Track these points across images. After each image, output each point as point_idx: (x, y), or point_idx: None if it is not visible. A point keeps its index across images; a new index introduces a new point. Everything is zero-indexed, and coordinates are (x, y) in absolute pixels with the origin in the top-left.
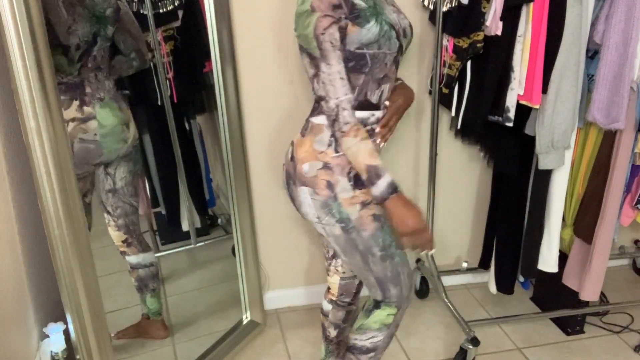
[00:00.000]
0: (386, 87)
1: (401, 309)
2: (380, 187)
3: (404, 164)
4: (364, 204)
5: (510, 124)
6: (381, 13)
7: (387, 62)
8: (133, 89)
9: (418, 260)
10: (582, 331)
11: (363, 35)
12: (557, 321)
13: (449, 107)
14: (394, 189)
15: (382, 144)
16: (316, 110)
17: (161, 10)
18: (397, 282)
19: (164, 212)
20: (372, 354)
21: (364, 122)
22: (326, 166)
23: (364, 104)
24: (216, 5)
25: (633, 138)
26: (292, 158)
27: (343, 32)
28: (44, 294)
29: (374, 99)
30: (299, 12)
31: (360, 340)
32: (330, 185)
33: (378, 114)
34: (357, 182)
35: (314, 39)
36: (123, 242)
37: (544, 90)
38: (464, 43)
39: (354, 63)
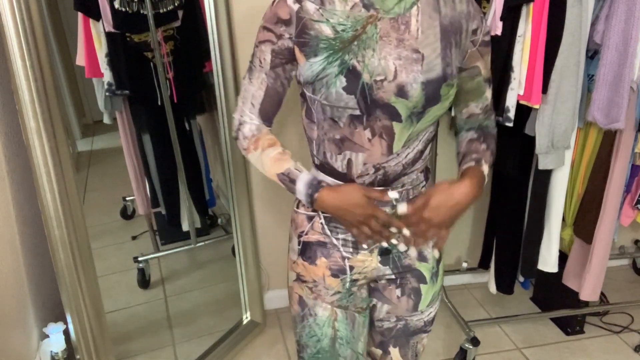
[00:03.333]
0: (355, 156)
1: None
2: (300, 191)
3: None
4: (299, 278)
5: (510, 124)
6: (345, 51)
7: (337, 118)
8: (133, 89)
9: None
10: (582, 331)
11: (303, 69)
12: (557, 321)
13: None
14: (314, 187)
15: (402, 246)
16: None
17: (161, 10)
18: None
19: (164, 212)
20: None
21: None
22: (293, 214)
23: (325, 168)
24: (216, 5)
25: (633, 138)
26: None
27: (291, 55)
28: (44, 294)
29: (337, 165)
30: None
31: None
32: (290, 237)
33: None
34: (305, 251)
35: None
36: None
37: (544, 90)
38: None
39: (305, 105)
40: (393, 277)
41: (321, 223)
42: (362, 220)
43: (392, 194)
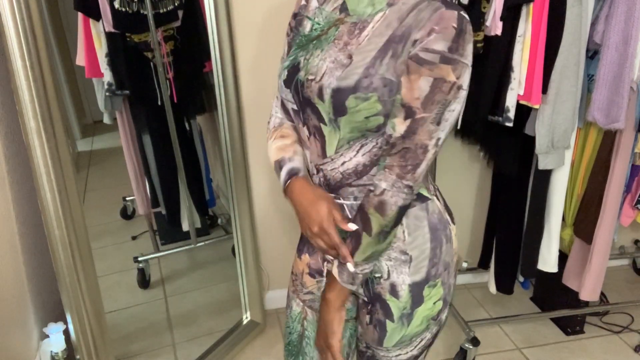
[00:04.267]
0: (305, 152)
1: None
2: (281, 177)
3: None
4: (292, 269)
5: (510, 124)
6: (304, 48)
7: (288, 110)
8: (133, 89)
9: None
10: (582, 331)
11: None
12: (557, 321)
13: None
14: (291, 175)
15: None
16: None
17: (161, 10)
18: None
19: (164, 212)
20: None
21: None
22: None
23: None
24: (216, 5)
25: (633, 138)
26: None
27: None
28: (44, 294)
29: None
30: None
31: None
32: None
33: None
34: (299, 243)
35: None
36: None
37: (544, 90)
38: None
39: None
40: (366, 299)
41: None
42: (315, 231)
43: (352, 226)
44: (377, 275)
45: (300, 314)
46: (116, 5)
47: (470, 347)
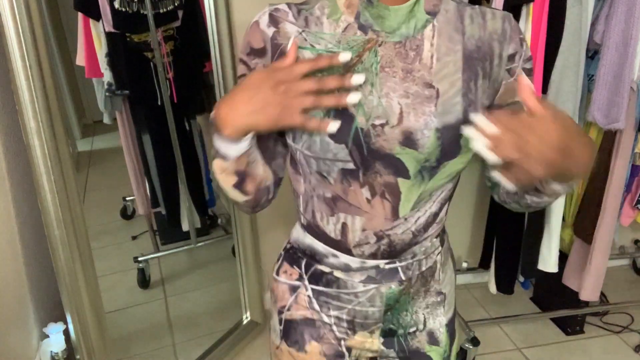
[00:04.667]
0: (351, 220)
1: None
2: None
3: None
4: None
5: None
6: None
7: (325, 172)
8: (133, 89)
9: None
10: (582, 331)
11: None
12: (557, 321)
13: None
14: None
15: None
16: None
17: (161, 10)
18: None
19: (164, 212)
20: None
21: (318, 258)
22: (272, 283)
23: (315, 231)
24: (216, 5)
25: (633, 138)
26: None
27: None
28: (44, 294)
29: (329, 229)
30: None
31: None
32: (270, 313)
33: (344, 257)
34: (289, 333)
35: None
36: None
37: (544, 90)
38: None
39: (290, 151)
40: (397, 358)
41: (308, 295)
42: (271, 93)
43: (344, 56)
44: (412, 329)
45: None
46: (116, 5)
47: (470, 347)
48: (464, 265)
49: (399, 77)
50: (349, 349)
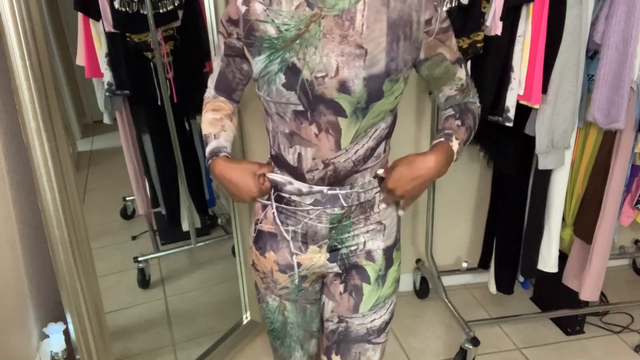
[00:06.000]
0: (304, 151)
1: None
2: (206, 155)
3: None
4: (254, 265)
5: (510, 124)
6: (287, 49)
7: (282, 113)
8: (133, 89)
9: (418, 260)
10: (582, 331)
11: (253, 67)
12: (557, 321)
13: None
14: (214, 154)
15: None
16: None
17: (161, 10)
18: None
19: (164, 212)
20: None
21: (280, 187)
22: (254, 201)
23: (279, 160)
24: (216, 5)
25: (633, 138)
26: None
27: (241, 52)
28: (44, 294)
29: (289, 158)
30: None
31: None
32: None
33: (297, 184)
34: (258, 239)
35: None
36: None
37: (544, 90)
38: (463, 43)
39: (261, 98)
40: (339, 271)
41: (273, 213)
42: (244, 199)
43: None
44: (352, 248)
45: (279, 306)
46: (116, 5)
47: (470, 347)
48: (464, 265)
49: (337, 42)
50: (299, 264)
